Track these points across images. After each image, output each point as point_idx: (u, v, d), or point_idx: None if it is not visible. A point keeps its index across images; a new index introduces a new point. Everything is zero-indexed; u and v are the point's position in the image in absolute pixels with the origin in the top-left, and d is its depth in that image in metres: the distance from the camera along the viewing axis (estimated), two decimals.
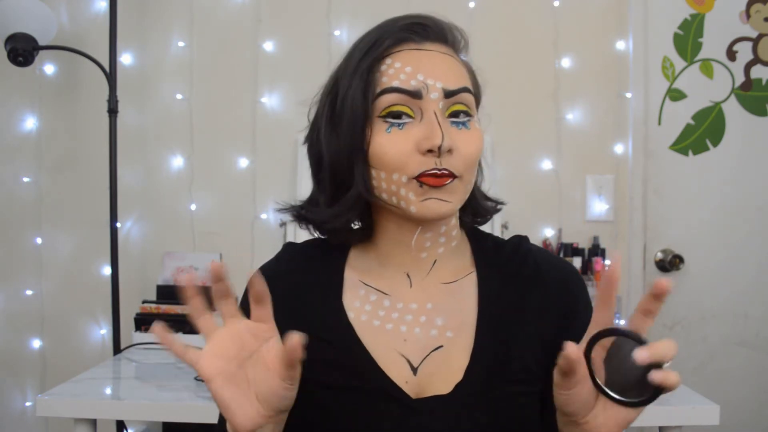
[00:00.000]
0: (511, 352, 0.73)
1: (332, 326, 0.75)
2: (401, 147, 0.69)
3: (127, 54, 2.00)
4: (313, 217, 0.78)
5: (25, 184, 2.01)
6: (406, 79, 0.70)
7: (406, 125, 0.70)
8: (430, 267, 0.77)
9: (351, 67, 0.73)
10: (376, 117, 0.71)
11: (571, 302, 0.77)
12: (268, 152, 2.01)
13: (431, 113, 0.70)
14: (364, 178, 0.72)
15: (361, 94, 0.71)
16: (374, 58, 0.72)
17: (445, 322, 0.75)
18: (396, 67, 0.71)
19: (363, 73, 0.71)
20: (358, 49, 0.74)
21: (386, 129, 0.70)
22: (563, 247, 1.93)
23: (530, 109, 2.01)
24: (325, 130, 0.75)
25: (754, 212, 2.02)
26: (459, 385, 0.71)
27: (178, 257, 1.97)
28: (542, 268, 0.78)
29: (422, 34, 0.73)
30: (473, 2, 2.01)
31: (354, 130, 0.71)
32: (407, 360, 0.73)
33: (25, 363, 2.00)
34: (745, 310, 2.02)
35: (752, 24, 2.01)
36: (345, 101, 0.72)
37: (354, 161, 0.72)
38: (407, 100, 0.70)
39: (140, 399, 1.30)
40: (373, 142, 0.71)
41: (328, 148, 0.74)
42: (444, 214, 0.71)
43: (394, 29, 0.73)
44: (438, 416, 0.70)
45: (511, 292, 0.76)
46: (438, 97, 0.70)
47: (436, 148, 0.68)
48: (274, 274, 0.80)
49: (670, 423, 1.27)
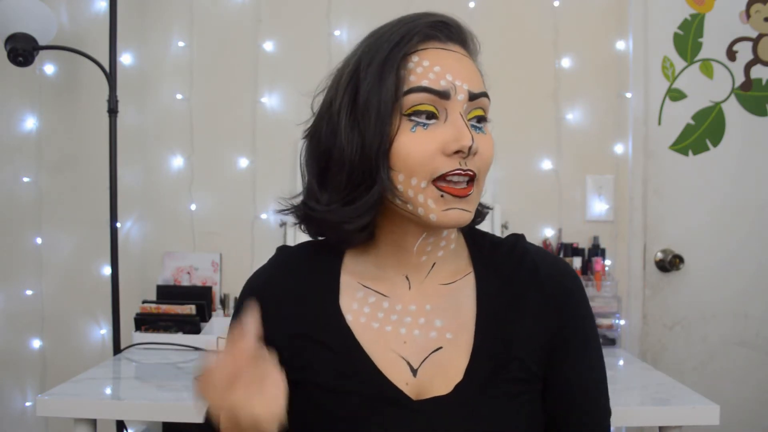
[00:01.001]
0: (511, 351, 0.73)
1: (330, 329, 0.75)
2: (426, 147, 0.68)
3: (127, 54, 2.00)
4: (329, 217, 0.73)
5: (25, 184, 2.01)
6: (435, 78, 0.69)
7: (430, 126, 0.69)
8: (428, 270, 0.77)
9: (378, 59, 0.70)
10: (400, 115, 0.69)
11: (567, 303, 0.77)
12: (268, 152, 2.01)
13: (457, 114, 0.69)
14: (389, 177, 0.69)
15: (394, 90, 0.68)
16: (405, 53, 0.70)
17: (444, 324, 0.75)
18: (424, 65, 0.69)
19: (391, 68, 0.69)
20: (385, 40, 0.71)
21: (411, 128, 0.69)
22: (563, 247, 1.93)
23: (530, 109, 2.01)
24: (345, 125, 0.71)
25: (754, 212, 2.02)
26: (459, 385, 0.71)
27: (178, 257, 1.97)
28: (540, 268, 0.78)
29: (447, 33, 0.72)
30: (473, 2, 2.01)
31: (382, 127, 0.68)
32: (407, 362, 0.73)
33: (25, 363, 2.00)
34: (745, 310, 2.02)
35: (752, 24, 2.00)
36: (371, 96, 0.69)
37: (379, 160, 0.69)
38: (434, 100, 0.69)
39: (140, 399, 1.30)
40: (396, 141, 0.68)
41: (349, 145, 0.70)
42: (464, 223, 0.71)
43: (420, 25, 0.71)
44: (439, 417, 0.70)
45: (509, 292, 0.76)
46: (464, 99, 0.70)
47: (466, 149, 0.67)
48: (268, 278, 0.80)
49: (670, 423, 1.27)
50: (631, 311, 2.00)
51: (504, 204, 1.97)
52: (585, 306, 0.79)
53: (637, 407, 1.29)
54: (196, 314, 1.74)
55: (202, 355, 0.66)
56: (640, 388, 1.43)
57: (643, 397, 1.36)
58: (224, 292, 1.95)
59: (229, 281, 1.98)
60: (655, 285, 2.01)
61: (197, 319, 1.74)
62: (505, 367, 0.72)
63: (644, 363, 1.72)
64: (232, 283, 1.97)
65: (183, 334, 1.72)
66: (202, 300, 1.81)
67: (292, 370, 0.74)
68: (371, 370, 0.72)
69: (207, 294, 1.88)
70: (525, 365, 0.73)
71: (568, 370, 0.76)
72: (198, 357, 1.63)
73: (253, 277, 0.82)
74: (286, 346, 0.75)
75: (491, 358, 0.73)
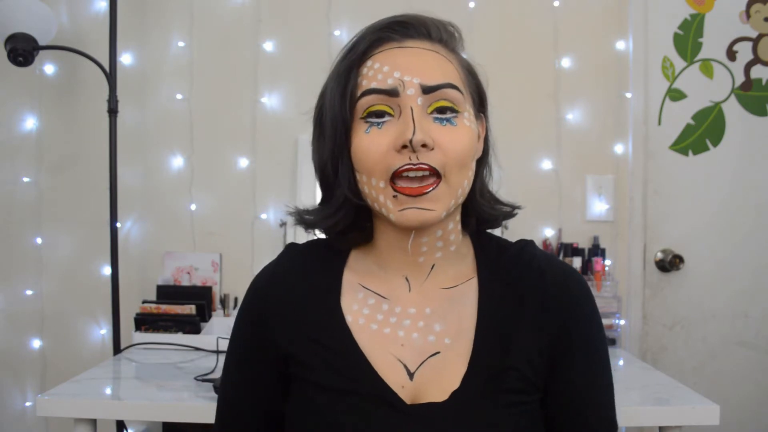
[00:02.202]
0: (509, 361, 0.72)
1: (329, 329, 0.75)
2: (378, 146, 0.69)
3: (127, 54, 2.00)
4: (308, 219, 0.79)
5: (25, 184, 2.01)
6: (382, 78, 0.70)
7: (385, 124, 0.70)
8: (428, 271, 0.76)
9: (335, 70, 0.74)
10: (358, 119, 0.71)
11: (571, 308, 0.75)
12: (268, 152, 2.01)
13: (408, 109, 0.69)
14: (349, 179, 0.72)
15: (340, 97, 0.71)
16: (352, 60, 0.72)
17: (443, 328, 0.74)
18: (375, 68, 0.71)
19: (341, 77, 0.72)
20: (342, 51, 0.75)
21: (365, 130, 0.70)
22: (563, 247, 1.93)
23: (530, 109, 2.01)
24: (313, 135, 0.77)
25: (754, 212, 2.02)
26: (455, 393, 0.70)
27: (178, 257, 1.97)
28: (546, 274, 0.76)
29: (402, 32, 0.73)
30: (473, 2, 2.01)
31: (335, 133, 0.72)
32: (404, 365, 0.73)
33: (25, 363, 2.00)
34: (745, 310, 2.02)
35: (752, 24, 2.00)
36: (327, 106, 0.73)
37: (338, 164, 0.72)
38: (385, 99, 0.70)
39: (140, 399, 1.30)
40: (353, 144, 0.71)
41: (316, 152, 0.77)
42: (426, 223, 0.69)
43: (372, 31, 0.74)
44: (432, 423, 0.69)
45: (512, 298, 0.75)
46: (415, 93, 0.69)
47: (408, 142, 0.66)
48: (273, 275, 0.80)
49: (670, 423, 1.26)
50: (631, 311, 2.00)
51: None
52: (591, 312, 0.77)
53: (637, 407, 1.28)
54: (196, 314, 1.74)
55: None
56: (640, 388, 1.42)
57: (643, 397, 1.36)
58: (224, 292, 1.95)
59: (229, 281, 1.98)
60: (655, 285, 2.01)
61: (197, 319, 1.74)
62: (502, 376, 0.71)
63: (644, 363, 1.72)
64: (232, 283, 1.97)
65: (183, 334, 1.72)
66: (202, 300, 1.81)
67: (291, 367, 0.75)
68: (368, 372, 0.72)
69: (207, 294, 1.88)
70: (523, 375, 0.72)
71: (570, 377, 0.74)
72: (198, 357, 1.63)
73: (260, 275, 0.82)
74: (287, 343, 0.76)
75: (489, 366, 0.72)
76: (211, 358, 1.58)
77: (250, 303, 0.80)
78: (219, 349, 1.63)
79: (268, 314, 0.77)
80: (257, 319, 0.78)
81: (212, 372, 1.44)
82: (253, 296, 0.80)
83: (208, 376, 1.40)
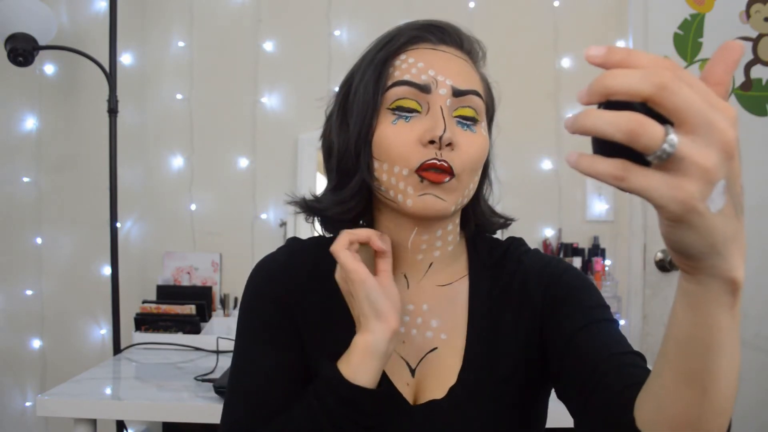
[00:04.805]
0: (500, 352, 0.74)
1: (333, 325, 0.75)
2: (405, 138, 0.70)
3: (127, 54, 2.00)
4: (318, 205, 0.78)
5: (25, 184, 2.01)
6: (417, 73, 0.71)
7: (412, 118, 0.71)
8: (426, 269, 0.77)
9: (366, 60, 0.75)
10: (384, 109, 0.72)
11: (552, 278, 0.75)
12: (268, 152, 2.01)
13: (437, 107, 0.70)
14: (368, 164, 0.72)
15: (373, 84, 0.72)
16: (389, 52, 0.73)
17: (439, 324, 0.76)
18: (409, 62, 0.72)
19: (377, 65, 0.73)
20: (375, 44, 0.76)
21: (392, 121, 0.71)
22: (563, 247, 1.93)
23: (530, 109, 2.01)
24: (336, 120, 0.76)
25: (753, 212, 2.02)
26: (452, 388, 0.72)
27: (178, 257, 1.97)
28: (532, 265, 0.78)
29: (438, 36, 0.75)
30: (473, 2, 2.01)
31: (363, 119, 0.72)
32: (406, 362, 0.74)
33: (25, 363, 2.00)
34: (745, 310, 2.02)
35: (752, 24, 2.01)
36: (357, 92, 0.74)
37: (360, 149, 0.72)
38: (416, 93, 0.71)
39: (140, 399, 1.30)
40: (378, 133, 0.71)
41: (338, 137, 0.75)
42: (439, 212, 0.70)
43: (411, 28, 0.75)
44: (435, 421, 0.71)
45: (497, 290, 0.77)
46: (446, 94, 0.71)
47: (437, 139, 0.68)
48: (281, 265, 0.79)
49: None
50: (631, 311, 2.00)
51: (504, 204, 1.96)
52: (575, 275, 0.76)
53: None
54: (196, 314, 1.74)
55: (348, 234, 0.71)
56: None
57: None
58: (224, 292, 1.95)
59: (229, 281, 1.98)
60: (655, 285, 2.02)
61: (197, 319, 1.74)
62: (495, 367, 0.73)
63: None
64: (232, 283, 1.97)
65: (183, 334, 1.72)
66: (202, 300, 1.81)
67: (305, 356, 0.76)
68: None
69: (207, 294, 1.88)
70: (515, 363, 0.73)
71: (565, 324, 0.70)
72: (198, 357, 1.63)
73: (265, 261, 0.80)
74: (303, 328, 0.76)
75: (482, 359, 0.73)
76: (211, 358, 1.58)
77: (264, 285, 0.78)
78: (219, 349, 1.63)
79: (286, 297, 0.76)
80: (275, 298, 0.76)
81: (212, 372, 1.44)
82: (268, 279, 0.78)
83: (208, 376, 1.40)
